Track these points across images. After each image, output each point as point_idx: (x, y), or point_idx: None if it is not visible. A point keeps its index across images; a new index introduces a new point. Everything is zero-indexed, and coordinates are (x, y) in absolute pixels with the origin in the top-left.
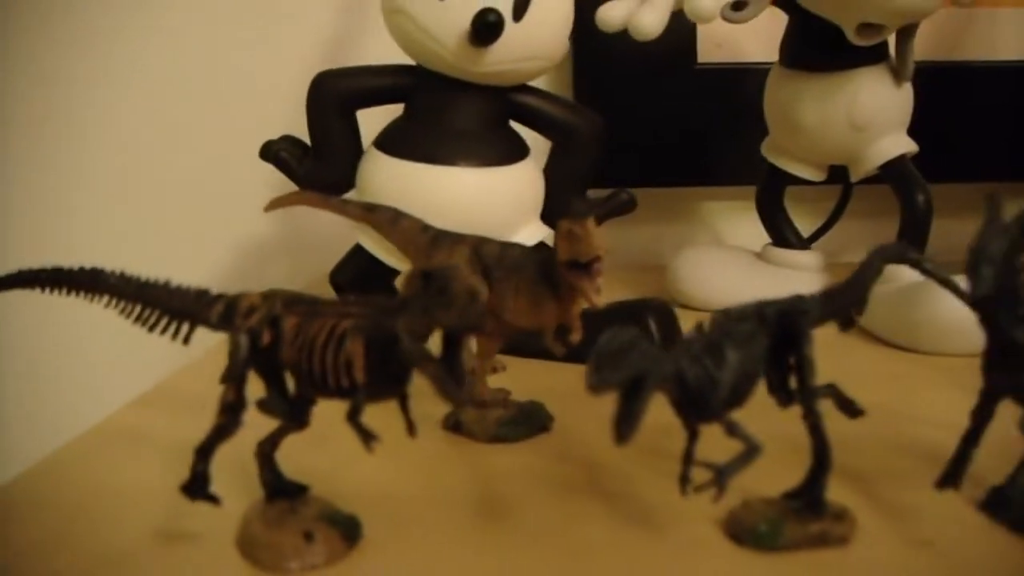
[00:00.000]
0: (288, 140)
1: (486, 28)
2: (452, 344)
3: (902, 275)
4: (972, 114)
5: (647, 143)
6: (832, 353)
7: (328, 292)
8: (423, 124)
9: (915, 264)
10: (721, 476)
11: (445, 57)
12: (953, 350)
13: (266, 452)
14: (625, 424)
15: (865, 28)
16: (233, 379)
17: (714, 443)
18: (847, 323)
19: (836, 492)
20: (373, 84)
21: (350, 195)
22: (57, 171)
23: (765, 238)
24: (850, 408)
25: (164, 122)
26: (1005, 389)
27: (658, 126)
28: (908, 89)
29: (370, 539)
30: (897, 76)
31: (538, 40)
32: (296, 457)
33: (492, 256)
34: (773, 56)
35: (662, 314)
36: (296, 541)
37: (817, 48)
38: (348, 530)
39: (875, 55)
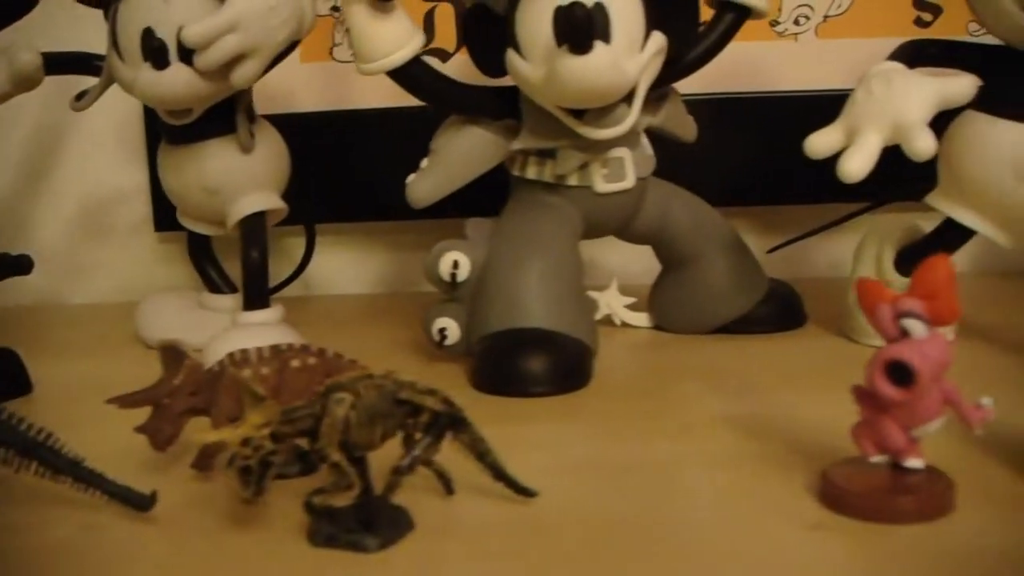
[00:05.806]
0: None
1: None
2: None
3: None
4: None
5: None
6: None
7: None
8: None
9: None
10: None
11: None
12: None
13: None
14: None
15: (175, 113)
16: None
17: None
18: None
19: None
20: None
21: None
22: None
23: None
24: None
25: None
26: None
27: None
28: (268, 152)
29: None
30: (240, 146)
31: None
32: None
33: None
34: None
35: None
36: None
37: (170, 124)
38: None
39: (225, 127)
